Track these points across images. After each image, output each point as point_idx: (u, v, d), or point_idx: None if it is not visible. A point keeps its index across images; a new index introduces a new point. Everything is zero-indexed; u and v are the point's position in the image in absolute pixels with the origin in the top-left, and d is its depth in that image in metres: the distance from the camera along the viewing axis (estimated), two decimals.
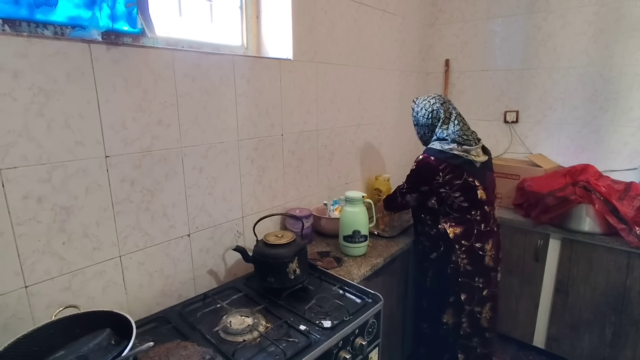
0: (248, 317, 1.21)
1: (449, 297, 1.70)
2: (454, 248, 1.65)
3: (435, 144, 1.65)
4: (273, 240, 1.37)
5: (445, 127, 1.66)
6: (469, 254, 1.66)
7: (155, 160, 1.29)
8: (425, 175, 1.63)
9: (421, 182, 1.66)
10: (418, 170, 1.66)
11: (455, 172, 1.59)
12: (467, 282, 1.67)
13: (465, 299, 1.68)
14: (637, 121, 2.19)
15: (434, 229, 1.70)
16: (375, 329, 1.32)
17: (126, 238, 1.25)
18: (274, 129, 1.71)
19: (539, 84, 2.45)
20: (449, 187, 1.61)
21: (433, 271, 1.75)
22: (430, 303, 1.80)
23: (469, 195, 1.63)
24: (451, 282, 1.69)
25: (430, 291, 1.78)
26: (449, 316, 1.73)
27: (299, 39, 1.76)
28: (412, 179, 1.70)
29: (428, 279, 1.78)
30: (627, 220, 1.85)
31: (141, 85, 1.22)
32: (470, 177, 1.61)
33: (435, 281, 1.75)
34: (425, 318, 1.85)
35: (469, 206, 1.64)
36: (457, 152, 1.59)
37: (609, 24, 2.17)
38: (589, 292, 2.04)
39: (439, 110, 1.67)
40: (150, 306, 1.35)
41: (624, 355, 1.98)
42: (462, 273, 1.66)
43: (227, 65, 1.47)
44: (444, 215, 1.67)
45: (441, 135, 1.66)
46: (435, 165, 1.60)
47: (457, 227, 1.65)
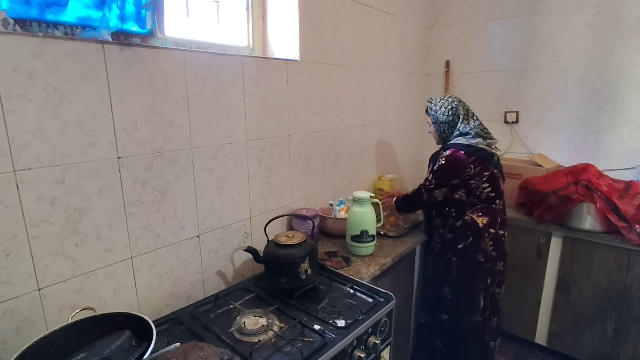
0: (262, 318, 1.21)
1: (479, 284, 1.79)
2: (483, 237, 1.74)
3: (460, 139, 1.72)
4: (284, 241, 1.37)
5: (466, 122, 1.75)
6: (495, 241, 1.77)
7: (166, 161, 1.29)
8: (456, 169, 1.68)
9: (453, 175, 1.70)
10: (448, 164, 1.70)
11: (483, 164, 1.69)
12: (491, 266, 1.79)
13: (490, 282, 1.80)
14: (635, 121, 2.23)
15: (459, 221, 1.77)
16: (388, 327, 1.33)
17: (137, 239, 1.25)
18: (281, 130, 1.71)
19: (538, 85, 2.49)
20: (478, 179, 1.70)
21: (461, 261, 1.79)
22: (457, 293, 1.84)
23: (495, 186, 1.74)
24: (480, 269, 1.78)
25: (457, 282, 1.82)
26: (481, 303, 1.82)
27: (305, 40, 1.76)
28: (443, 174, 1.73)
29: (454, 269, 1.81)
30: (627, 218, 1.88)
31: (153, 86, 1.21)
32: (494, 169, 1.73)
33: (462, 271, 1.80)
34: (447, 309, 1.87)
35: (494, 196, 1.75)
36: (482, 146, 1.68)
37: (608, 26, 2.21)
38: (590, 289, 2.07)
39: (458, 108, 1.76)
40: (160, 308, 1.34)
41: (624, 351, 2.02)
42: (489, 259, 1.77)
43: (237, 66, 1.47)
44: (470, 206, 1.75)
45: (464, 130, 1.74)
46: (465, 159, 1.67)
47: (484, 216, 1.74)
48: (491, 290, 1.82)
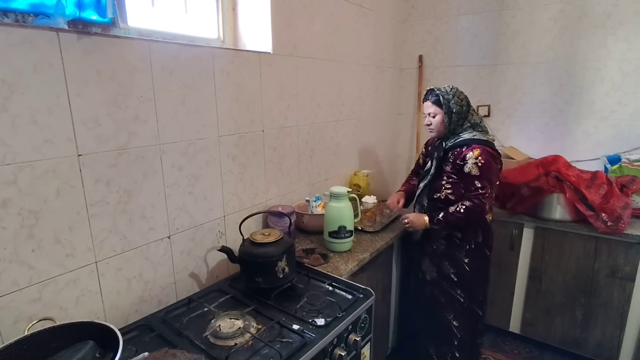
0: (238, 320, 1.16)
1: (486, 277, 1.82)
2: (490, 231, 1.76)
3: (478, 134, 1.68)
4: (260, 239, 1.33)
5: (474, 113, 1.73)
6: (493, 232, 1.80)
7: (132, 158, 1.21)
8: (495, 166, 1.65)
9: (497, 173, 1.67)
10: (489, 162, 1.61)
11: (500, 158, 1.70)
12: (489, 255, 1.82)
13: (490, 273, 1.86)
14: (599, 114, 2.31)
15: None
16: (368, 324, 1.31)
17: (102, 242, 1.17)
18: (254, 125, 1.66)
19: (509, 79, 2.54)
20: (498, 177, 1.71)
21: (473, 260, 1.75)
22: (471, 291, 1.79)
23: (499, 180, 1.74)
24: (488, 265, 1.81)
25: (471, 281, 1.78)
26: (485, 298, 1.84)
27: (277, 32, 1.71)
28: (491, 174, 1.63)
29: (467, 269, 1.76)
30: (594, 207, 1.95)
31: (116, 78, 1.14)
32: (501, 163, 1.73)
33: (475, 269, 1.77)
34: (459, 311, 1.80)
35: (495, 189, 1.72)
36: (492, 139, 1.70)
37: (573, 21, 2.27)
38: (561, 277, 2.14)
39: (467, 99, 1.73)
40: (128, 314, 1.27)
41: (593, 335, 2.09)
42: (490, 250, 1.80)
43: (207, 58, 1.40)
44: None
45: (475, 121, 1.71)
46: (496, 154, 1.67)
47: (490, 212, 1.71)
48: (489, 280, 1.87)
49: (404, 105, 2.98)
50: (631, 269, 1.93)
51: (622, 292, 1.97)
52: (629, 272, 1.94)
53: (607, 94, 2.26)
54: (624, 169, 2.17)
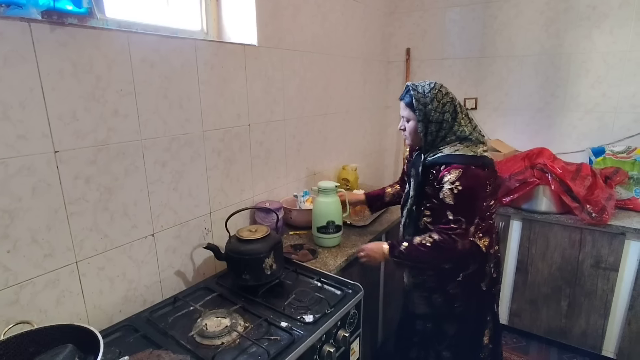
0: (225, 318, 1.14)
1: (487, 315, 1.49)
2: (488, 261, 1.42)
3: (461, 149, 1.32)
4: (247, 236, 1.30)
5: (464, 122, 1.35)
6: (496, 262, 1.47)
7: (112, 154, 1.17)
8: (479, 190, 1.32)
9: (478, 199, 1.32)
10: (470, 188, 1.27)
11: (494, 175, 1.36)
12: (495, 291, 1.52)
13: (497, 309, 1.53)
14: (584, 106, 2.33)
15: None
16: (357, 319, 1.30)
17: (82, 242, 1.13)
18: (240, 119, 1.62)
19: (495, 71, 2.54)
20: (490, 198, 1.37)
21: (464, 293, 1.45)
22: (463, 329, 1.50)
23: (496, 199, 1.43)
24: (488, 299, 1.48)
25: (462, 317, 1.48)
26: (487, 337, 1.51)
27: (263, 24, 1.67)
28: (469, 203, 1.30)
29: (457, 305, 1.46)
30: (579, 199, 1.97)
31: (93, 71, 1.09)
32: (497, 179, 1.41)
33: (467, 304, 1.46)
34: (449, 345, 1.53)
35: (494, 210, 1.42)
36: (486, 154, 1.34)
37: (559, 13, 2.28)
38: (547, 268, 2.16)
39: (454, 102, 1.35)
40: (112, 315, 1.24)
41: (578, 324, 2.13)
42: (492, 283, 1.47)
43: (189, 50, 1.36)
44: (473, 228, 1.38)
45: (463, 134, 1.33)
46: (482, 174, 1.30)
47: (485, 237, 1.40)
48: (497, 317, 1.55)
49: (392, 98, 2.97)
50: (615, 259, 1.97)
51: (606, 282, 2.01)
52: (613, 263, 1.97)
53: (591, 87, 2.28)
54: (607, 160, 2.20)
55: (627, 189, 2.13)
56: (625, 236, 1.92)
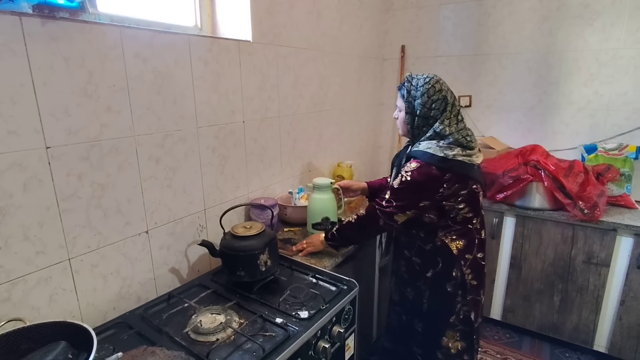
0: (219, 315, 1.14)
1: (449, 317, 1.47)
2: (458, 263, 1.42)
3: (433, 147, 1.31)
4: (242, 232, 1.30)
5: (448, 122, 1.33)
6: (474, 268, 1.44)
7: (105, 151, 1.16)
8: (427, 189, 1.32)
9: (421, 196, 1.33)
10: (417, 183, 1.31)
11: (461, 181, 1.32)
12: (474, 298, 1.46)
13: (474, 317, 1.48)
14: (576, 104, 2.35)
15: (429, 244, 1.45)
16: (351, 315, 1.31)
17: (75, 239, 1.12)
18: (234, 116, 1.62)
19: (489, 69, 2.55)
20: (453, 200, 1.35)
21: (431, 291, 1.48)
22: (427, 327, 1.53)
23: (473, 205, 1.40)
24: (452, 301, 1.45)
25: (428, 314, 1.51)
26: (448, 339, 1.49)
27: (257, 20, 1.66)
28: (409, 194, 1.34)
29: (425, 300, 1.50)
30: (572, 195, 1.99)
31: (85, 66, 1.08)
32: (474, 185, 1.37)
33: (433, 302, 1.49)
34: (420, 342, 1.57)
35: (472, 216, 1.41)
36: (461, 159, 1.30)
37: (552, 11, 2.29)
38: (540, 264, 2.19)
39: (446, 99, 1.34)
40: (105, 312, 1.23)
41: (570, 319, 2.16)
42: (469, 290, 1.44)
43: (183, 45, 1.35)
44: (443, 228, 1.41)
45: (442, 132, 1.32)
46: (439, 176, 1.29)
47: (460, 240, 1.41)
48: (476, 325, 1.50)
49: (386, 95, 2.97)
50: (606, 255, 1.99)
51: (598, 277, 2.03)
52: (604, 258, 2.00)
53: (584, 85, 2.30)
54: (600, 157, 2.23)
55: (618, 186, 2.16)
56: (616, 232, 1.95)
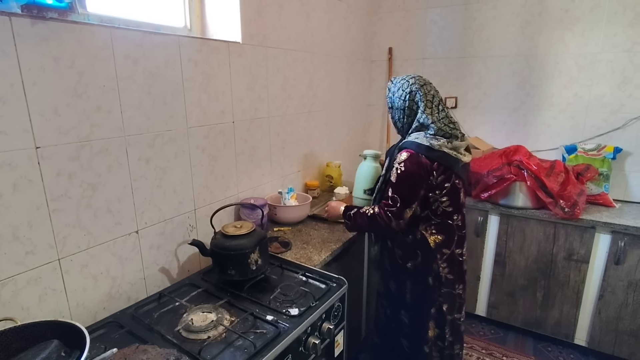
0: (211, 313, 1.15)
1: (431, 308, 1.52)
2: (435, 257, 1.47)
3: (420, 138, 1.39)
4: (232, 231, 1.31)
5: (429, 111, 1.39)
6: (450, 262, 1.49)
7: (95, 150, 1.16)
8: (421, 177, 1.37)
9: (420, 186, 1.38)
10: (411, 172, 1.36)
11: (446, 172, 1.39)
12: (449, 291, 1.51)
13: (447, 309, 1.52)
14: (557, 106, 2.43)
15: (409, 236, 1.49)
16: (341, 312, 1.33)
17: (65, 239, 1.12)
18: (224, 116, 1.63)
19: (474, 71, 2.62)
20: (438, 191, 1.40)
21: (412, 282, 1.53)
22: (412, 318, 1.57)
23: (454, 199, 1.45)
24: (433, 293, 1.50)
25: (411, 305, 1.56)
26: (432, 330, 1.55)
27: (247, 22, 1.68)
28: (408, 186, 1.38)
29: (407, 291, 1.55)
30: (553, 194, 2.05)
31: (75, 66, 1.08)
32: (456, 179, 1.44)
33: (415, 293, 1.54)
34: (406, 334, 1.61)
35: (452, 211, 1.46)
36: (446, 150, 1.37)
37: (534, 15, 2.36)
38: (523, 261, 2.25)
39: (418, 92, 1.41)
40: (96, 312, 1.23)
41: (552, 314, 2.22)
42: (444, 283, 1.49)
43: (173, 46, 1.36)
44: (424, 221, 1.46)
45: (425, 121, 1.39)
46: (428, 164, 1.36)
47: (439, 234, 1.46)
48: (450, 318, 1.54)
49: (375, 96, 3.02)
50: (585, 252, 2.06)
51: (578, 273, 2.10)
52: (584, 255, 2.07)
53: (564, 87, 2.38)
54: (579, 158, 2.30)
55: (597, 185, 2.24)
56: (595, 229, 2.02)
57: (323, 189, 2.40)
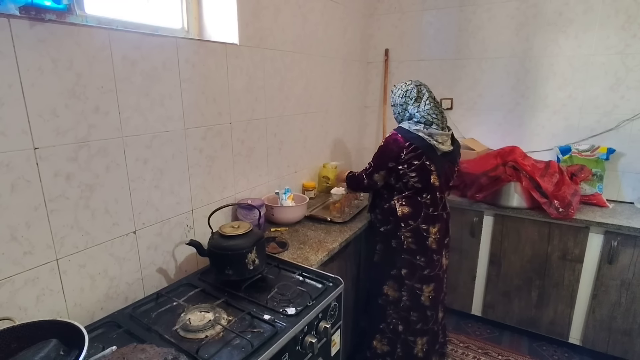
0: (208, 313, 1.16)
1: (391, 269, 1.80)
2: (400, 225, 1.74)
3: (405, 124, 1.71)
4: (230, 232, 1.32)
5: (417, 104, 1.70)
6: (414, 234, 1.74)
7: (93, 151, 1.17)
8: (393, 152, 1.68)
9: (389, 158, 1.70)
10: (386, 146, 1.70)
11: (416, 151, 1.65)
12: (409, 259, 1.76)
13: (405, 274, 1.78)
14: (551, 107, 2.45)
15: (387, 204, 1.78)
16: (337, 311, 1.34)
17: (63, 239, 1.13)
18: (222, 117, 1.64)
19: (470, 73, 2.64)
20: (407, 166, 1.67)
21: (381, 244, 1.84)
22: (375, 274, 1.89)
23: (423, 178, 1.69)
24: (395, 256, 1.78)
25: (377, 264, 1.87)
26: (389, 288, 1.83)
27: (244, 24, 1.69)
28: (380, 156, 1.74)
29: (377, 252, 1.87)
30: (548, 194, 2.08)
31: (73, 67, 1.09)
32: (427, 161, 1.67)
33: (382, 254, 1.85)
34: (370, 289, 1.96)
35: (421, 188, 1.71)
36: (422, 135, 1.64)
37: (529, 18, 2.39)
38: (518, 261, 2.27)
39: (412, 90, 1.72)
40: (93, 312, 1.23)
41: (547, 313, 2.24)
42: (405, 250, 1.76)
43: (170, 48, 1.37)
44: (398, 192, 1.75)
45: (412, 111, 1.71)
46: (402, 142, 1.66)
47: (407, 206, 1.73)
48: (409, 284, 1.78)
49: (371, 98, 3.03)
50: (579, 252, 2.08)
51: (572, 272, 2.12)
52: (578, 254, 2.09)
53: (559, 88, 2.40)
54: (573, 158, 2.33)
55: (590, 185, 2.26)
56: (589, 229, 2.04)
57: (320, 189, 2.42)
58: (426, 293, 1.80)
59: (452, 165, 1.80)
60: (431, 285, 1.80)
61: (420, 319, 1.83)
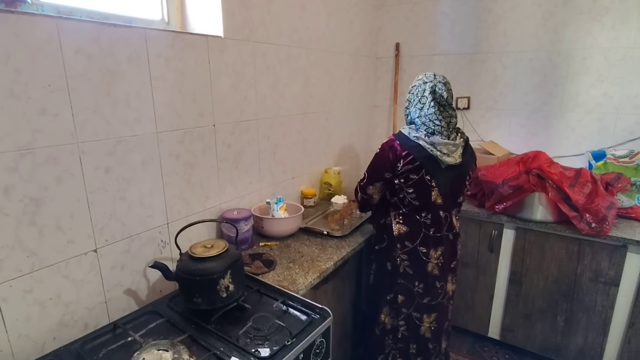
0: (167, 352, 0.98)
1: (387, 294, 1.58)
2: (395, 246, 1.51)
3: (405, 129, 1.45)
4: (200, 253, 1.14)
5: (420, 106, 1.42)
6: (411, 257, 1.50)
7: (39, 160, 1.01)
8: (389, 160, 1.42)
9: (385, 168, 1.44)
10: (382, 154, 1.45)
11: (414, 163, 1.38)
12: (405, 284, 1.53)
13: (402, 302, 1.54)
14: (583, 106, 2.18)
15: (382, 219, 1.55)
16: (324, 348, 1.14)
17: (2, 262, 0.97)
18: (203, 119, 1.46)
19: (489, 69, 2.39)
20: (404, 181, 1.42)
21: (376, 264, 1.63)
22: (370, 299, 1.68)
23: (423, 195, 1.44)
24: (390, 279, 1.56)
25: (372, 286, 1.66)
26: (385, 315, 1.60)
27: (230, 13, 1.51)
28: (374, 166, 1.50)
29: (372, 273, 1.66)
30: (578, 207, 1.81)
31: (10, 63, 0.93)
32: (427, 176, 1.40)
33: (376, 276, 1.64)
34: (366, 313, 1.72)
35: (419, 206, 1.46)
36: (422, 143, 1.38)
37: (558, 6, 2.12)
38: (542, 281, 2.01)
39: (420, 87, 1.45)
40: (43, 343, 1.08)
41: (575, 341, 1.98)
42: (401, 274, 1.52)
43: (138, 40, 1.20)
44: (394, 208, 1.50)
45: (414, 115, 1.45)
46: (399, 151, 1.40)
47: (404, 225, 1.49)
48: (407, 312, 1.55)
49: (380, 96, 2.81)
50: (615, 273, 1.81)
51: (606, 297, 1.86)
52: (613, 277, 1.82)
53: (592, 86, 2.13)
54: (609, 165, 2.05)
55: (629, 197, 1.98)
56: (626, 248, 1.77)
57: (321, 197, 2.22)
58: (426, 324, 1.56)
59: (461, 178, 1.50)
60: (432, 315, 1.56)
61: (420, 352, 1.60)
